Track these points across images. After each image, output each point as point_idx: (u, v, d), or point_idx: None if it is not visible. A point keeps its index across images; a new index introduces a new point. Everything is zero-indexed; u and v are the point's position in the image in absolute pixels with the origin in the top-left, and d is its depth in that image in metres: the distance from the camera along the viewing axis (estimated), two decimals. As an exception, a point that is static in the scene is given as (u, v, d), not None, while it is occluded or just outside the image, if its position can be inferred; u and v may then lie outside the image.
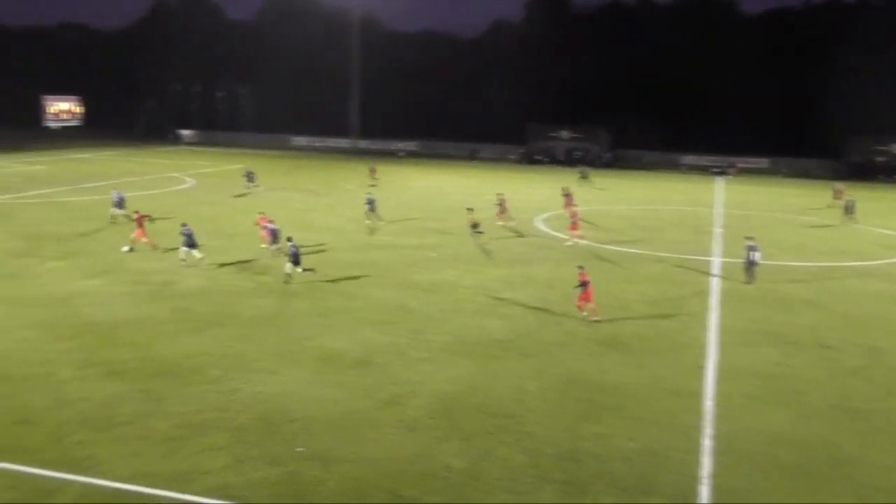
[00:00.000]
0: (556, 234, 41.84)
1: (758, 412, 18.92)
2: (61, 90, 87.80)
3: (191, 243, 31.29)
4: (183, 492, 14.41)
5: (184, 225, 31.76)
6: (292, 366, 21.01)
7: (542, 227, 43.79)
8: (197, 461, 15.56)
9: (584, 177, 65.91)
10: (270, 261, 32.48)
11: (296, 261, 29.44)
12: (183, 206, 45.97)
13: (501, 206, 43.87)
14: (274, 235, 33.69)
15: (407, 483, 15.06)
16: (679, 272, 33.83)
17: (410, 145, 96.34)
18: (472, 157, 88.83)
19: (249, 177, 55.68)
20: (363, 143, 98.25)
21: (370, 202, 43.20)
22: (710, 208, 54.67)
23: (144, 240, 33.60)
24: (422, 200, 52.82)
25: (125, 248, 33.72)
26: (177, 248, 31.63)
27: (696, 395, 19.84)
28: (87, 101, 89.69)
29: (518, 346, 23.21)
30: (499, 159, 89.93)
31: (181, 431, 16.84)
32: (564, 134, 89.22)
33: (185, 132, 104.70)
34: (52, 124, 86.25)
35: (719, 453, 16.68)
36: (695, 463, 16.27)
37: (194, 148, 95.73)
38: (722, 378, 21.10)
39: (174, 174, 63.81)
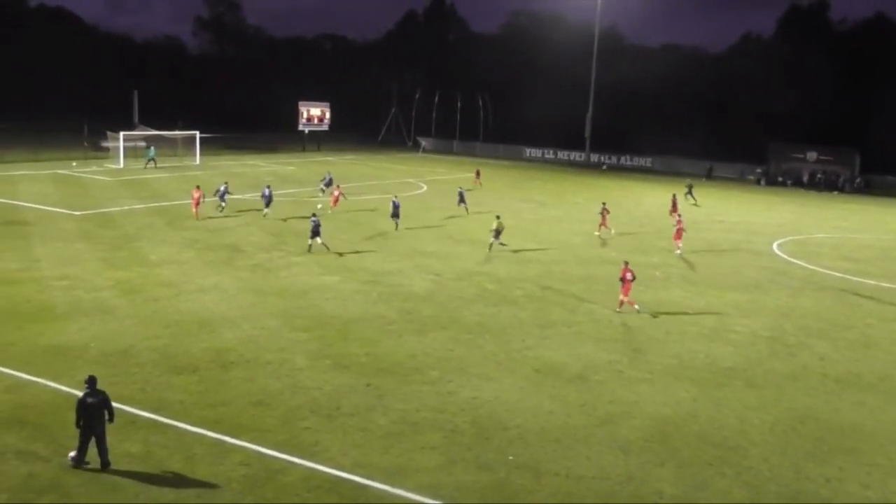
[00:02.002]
0: (794, 260, 39.44)
1: None
2: (313, 96, 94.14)
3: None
4: (396, 486, 14.92)
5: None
6: (509, 374, 21.20)
7: (780, 252, 41.45)
8: (411, 458, 16.06)
9: (689, 192, 60.54)
10: (499, 269, 32.99)
11: (316, 233, 34.48)
12: (416, 210, 47.73)
13: (603, 217, 43.27)
14: (396, 209, 41.09)
15: (617, 505, 14.75)
16: (935, 311, 30.82)
17: (645, 161, 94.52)
18: (708, 176, 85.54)
19: (327, 181, 53.86)
20: (595, 157, 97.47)
21: (461, 195, 48.57)
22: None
23: (195, 210, 41.68)
24: (652, 217, 51.60)
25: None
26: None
27: (948, 448, 17.97)
28: (334, 108, 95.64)
29: (745, 376, 22.08)
30: (736, 179, 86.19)
31: (399, 427, 17.46)
32: (811, 155, 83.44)
33: (424, 140, 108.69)
34: (304, 128, 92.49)
35: (970, 515, 15.03)
36: (940, 522, 14.76)
37: (432, 156, 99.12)
38: (980, 432, 18.98)
39: (410, 180, 66.32)
